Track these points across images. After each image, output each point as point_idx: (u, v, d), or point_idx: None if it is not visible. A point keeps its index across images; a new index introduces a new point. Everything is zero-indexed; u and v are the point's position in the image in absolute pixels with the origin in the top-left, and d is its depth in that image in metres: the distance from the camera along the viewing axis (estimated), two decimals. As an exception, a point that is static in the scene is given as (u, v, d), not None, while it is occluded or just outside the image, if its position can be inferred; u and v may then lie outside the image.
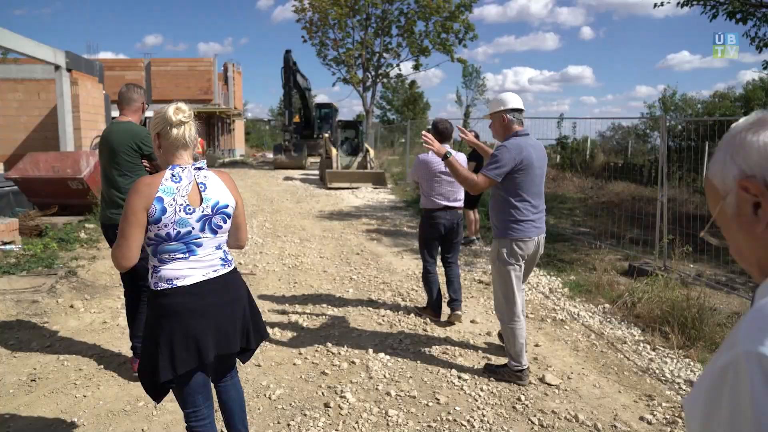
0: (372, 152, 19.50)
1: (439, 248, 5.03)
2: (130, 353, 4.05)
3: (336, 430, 3.17)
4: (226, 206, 2.33)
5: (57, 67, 11.46)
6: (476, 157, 7.04)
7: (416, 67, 30.84)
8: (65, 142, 11.63)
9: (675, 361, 4.24)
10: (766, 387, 0.68)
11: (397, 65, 31.59)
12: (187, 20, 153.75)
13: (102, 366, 3.95)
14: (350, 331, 4.74)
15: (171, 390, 2.40)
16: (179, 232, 2.22)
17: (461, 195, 4.89)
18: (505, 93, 3.85)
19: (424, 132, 3.96)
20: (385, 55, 30.50)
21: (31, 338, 4.43)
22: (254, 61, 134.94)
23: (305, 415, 3.32)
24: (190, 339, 2.23)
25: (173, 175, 2.24)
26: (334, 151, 18.13)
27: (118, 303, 5.36)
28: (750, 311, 0.77)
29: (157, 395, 2.37)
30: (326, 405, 3.44)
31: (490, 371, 3.97)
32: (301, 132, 26.87)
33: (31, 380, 3.71)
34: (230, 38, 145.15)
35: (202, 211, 2.26)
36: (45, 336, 4.48)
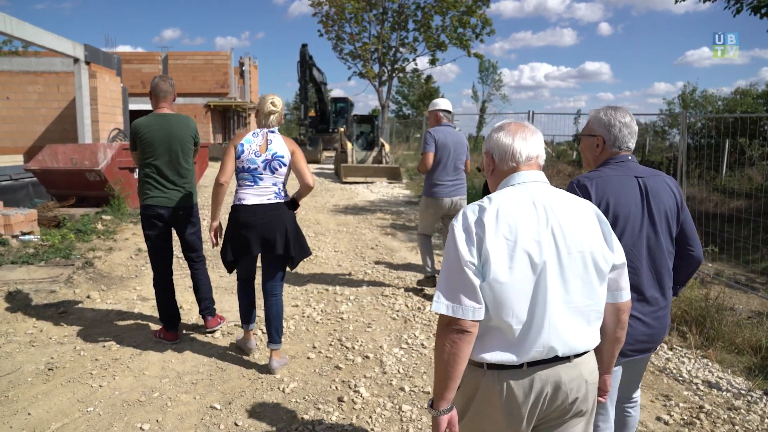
0: (387, 147, 19.45)
1: None
2: (143, 344, 4.22)
3: (349, 424, 3.17)
4: (282, 156, 3.63)
5: (76, 60, 11.57)
6: None
7: (432, 62, 30.65)
8: (83, 134, 11.75)
9: (693, 361, 4.18)
10: (455, 230, 1.62)
11: (413, 60, 31.45)
12: (204, 15, 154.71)
13: (118, 356, 3.98)
14: (364, 325, 4.73)
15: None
16: (249, 167, 3.60)
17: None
18: (440, 99, 5.67)
19: None
20: (401, 49, 30.38)
21: (48, 328, 4.48)
22: (270, 56, 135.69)
23: (318, 409, 3.32)
24: (243, 239, 3.62)
25: (254, 133, 3.67)
26: (349, 145, 18.11)
27: (134, 294, 5.41)
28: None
29: (230, 269, 3.86)
30: (340, 399, 3.44)
31: (419, 284, 5.73)
32: (316, 126, 26.96)
33: (49, 369, 3.75)
34: (247, 32, 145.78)
35: (266, 156, 3.59)
36: (62, 326, 4.53)
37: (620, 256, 1.72)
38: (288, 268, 3.86)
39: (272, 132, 3.68)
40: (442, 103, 5.58)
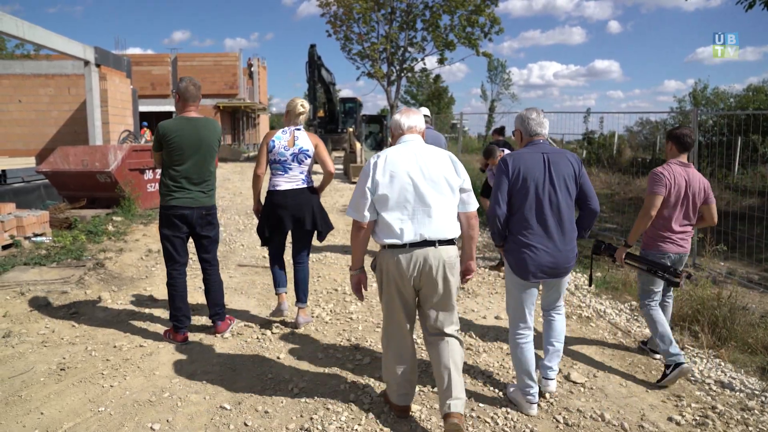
0: (396, 147, 19.40)
1: None
2: (153, 345, 4.24)
3: (359, 424, 3.16)
4: (307, 150, 4.40)
5: (86, 63, 11.66)
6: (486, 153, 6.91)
7: (441, 62, 30.61)
8: (94, 136, 11.85)
9: (705, 360, 4.14)
10: (362, 171, 2.96)
11: (422, 59, 31.46)
12: (213, 16, 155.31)
13: (128, 357, 4.01)
14: (373, 326, 4.73)
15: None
16: (280, 160, 4.36)
17: None
18: (423, 108, 6.58)
19: None
20: (409, 49, 30.37)
21: (60, 328, 4.52)
22: (279, 56, 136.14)
23: (328, 409, 3.32)
24: (277, 218, 4.39)
25: (283, 131, 4.44)
26: (358, 145, 18.11)
27: (145, 295, 5.44)
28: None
29: (264, 243, 4.60)
30: (349, 399, 3.43)
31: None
32: (325, 126, 26.94)
33: (61, 369, 3.78)
34: (256, 33, 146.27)
35: (293, 150, 4.35)
36: (74, 326, 4.57)
37: (467, 183, 2.93)
38: (318, 241, 4.73)
39: (298, 129, 4.43)
40: (421, 110, 6.24)
